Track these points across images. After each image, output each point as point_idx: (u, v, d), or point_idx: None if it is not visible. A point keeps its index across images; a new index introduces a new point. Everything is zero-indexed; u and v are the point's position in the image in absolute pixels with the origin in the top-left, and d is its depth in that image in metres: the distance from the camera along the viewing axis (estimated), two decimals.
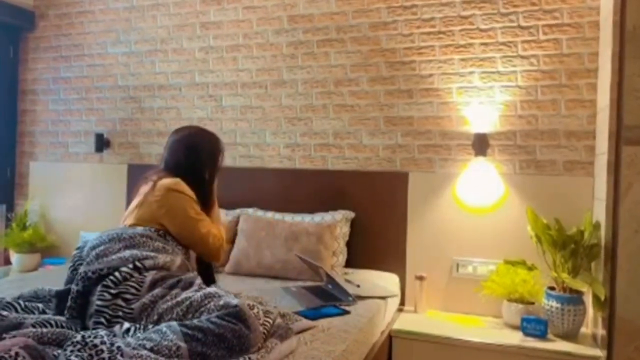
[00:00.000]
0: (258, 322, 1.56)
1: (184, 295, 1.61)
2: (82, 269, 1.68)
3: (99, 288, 1.61)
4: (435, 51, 2.91)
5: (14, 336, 1.39)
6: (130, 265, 1.66)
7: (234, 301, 1.54)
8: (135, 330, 1.47)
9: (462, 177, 2.82)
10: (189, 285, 1.68)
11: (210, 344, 1.41)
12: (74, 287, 1.67)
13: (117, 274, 1.63)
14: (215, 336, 1.42)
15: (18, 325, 1.50)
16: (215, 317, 1.47)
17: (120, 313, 1.57)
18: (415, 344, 2.47)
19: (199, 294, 1.60)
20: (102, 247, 1.75)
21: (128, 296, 1.60)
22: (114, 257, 1.70)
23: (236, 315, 1.48)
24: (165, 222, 1.93)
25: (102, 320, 1.56)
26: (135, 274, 1.64)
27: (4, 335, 1.41)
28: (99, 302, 1.58)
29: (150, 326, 1.52)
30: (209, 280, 2.00)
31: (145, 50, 3.61)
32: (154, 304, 1.59)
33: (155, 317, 1.56)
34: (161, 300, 1.60)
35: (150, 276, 1.65)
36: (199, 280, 1.75)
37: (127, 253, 1.71)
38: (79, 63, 3.83)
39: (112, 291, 1.60)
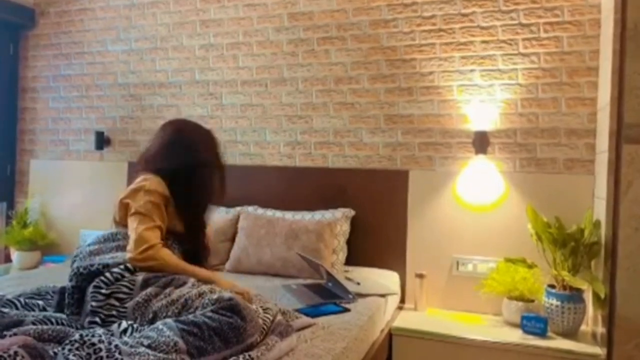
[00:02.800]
0: (256, 314, 1.57)
1: (178, 292, 1.62)
2: (75, 265, 1.73)
3: (90, 289, 1.64)
4: (435, 49, 2.91)
5: (15, 334, 1.40)
6: (122, 266, 1.69)
7: (228, 294, 1.55)
8: (132, 331, 1.48)
9: (462, 175, 2.82)
10: (183, 283, 1.68)
11: (206, 338, 1.42)
12: (68, 283, 1.71)
13: (108, 274, 1.66)
14: (211, 330, 1.43)
15: (18, 323, 1.52)
16: (210, 312, 1.48)
17: (114, 312, 1.60)
18: (415, 342, 2.47)
19: (194, 291, 1.61)
20: (96, 246, 1.80)
21: (121, 295, 1.63)
22: (106, 256, 1.74)
23: (230, 308, 1.49)
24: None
25: (97, 319, 1.59)
26: (127, 274, 1.68)
27: (5, 333, 1.41)
28: (93, 303, 1.61)
29: (146, 325, 1.54)
30: None
31: (146, 48, 3.61)
32: (148, 302, 1.60)
33: (150, 316, 1.57)
34: (155, 299, 1.61)
35: (141, 276, 1.68)
36: (192, 279, 1.75)
37: (119, 254, 1.75)
38: (79, 61, 3.82)
39: (104, 291, 1.62)
